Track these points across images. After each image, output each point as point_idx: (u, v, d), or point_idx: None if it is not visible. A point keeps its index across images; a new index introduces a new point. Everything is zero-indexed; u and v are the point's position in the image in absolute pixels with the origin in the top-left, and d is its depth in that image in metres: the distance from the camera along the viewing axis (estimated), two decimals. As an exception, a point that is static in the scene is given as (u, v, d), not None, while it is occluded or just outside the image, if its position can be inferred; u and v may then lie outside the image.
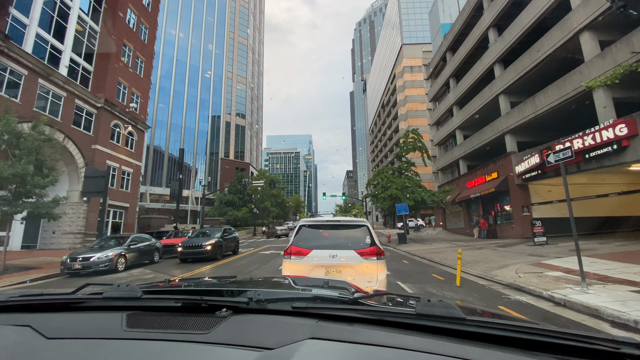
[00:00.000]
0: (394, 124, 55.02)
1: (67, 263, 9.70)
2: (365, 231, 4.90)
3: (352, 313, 1.03)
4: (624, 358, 0.80)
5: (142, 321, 1.05)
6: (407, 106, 47.83)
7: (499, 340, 0.87)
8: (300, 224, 5.14)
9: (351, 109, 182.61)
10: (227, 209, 54.86)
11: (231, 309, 1.08)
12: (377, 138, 73.32)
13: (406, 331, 0.92)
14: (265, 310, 1.08)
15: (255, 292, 1.15)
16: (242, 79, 74.27)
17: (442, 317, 0.93)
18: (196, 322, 1.01)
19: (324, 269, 4.62)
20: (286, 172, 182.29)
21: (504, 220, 20.18)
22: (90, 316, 1.13)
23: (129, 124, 24.90)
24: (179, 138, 61.08)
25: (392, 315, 1.02)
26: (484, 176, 21.62)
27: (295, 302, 1.11)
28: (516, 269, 8.74)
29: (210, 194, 61.68)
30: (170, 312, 1.13)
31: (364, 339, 0.87)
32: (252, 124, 77.06)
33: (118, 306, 1.16)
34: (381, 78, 71.76)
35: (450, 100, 27.34)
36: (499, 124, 20.24)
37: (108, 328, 1.01)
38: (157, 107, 59.06)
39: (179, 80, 63.40)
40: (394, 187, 20.76)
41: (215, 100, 67.81)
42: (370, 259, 4.63)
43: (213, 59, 69.62)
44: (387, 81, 61.84)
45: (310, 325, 0.97)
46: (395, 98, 52.83)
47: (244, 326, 0.98)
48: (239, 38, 75.54)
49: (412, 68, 49.10)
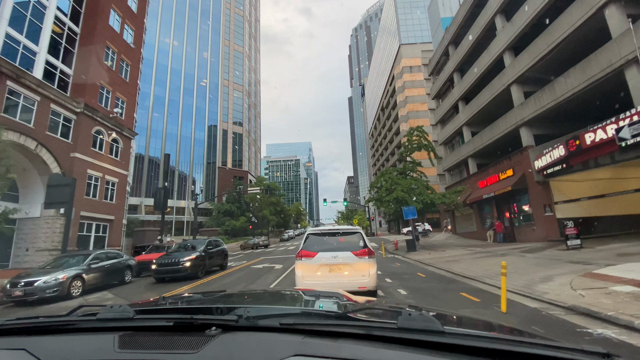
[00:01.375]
0: (395, 126, 53.48)
1: (7, 289, 7.87)
2: (359, 236, 6.25)
3: (337, 328, 1.05)
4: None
5: (134, 342, 1.08)
6: (408, 107, 46.32)
7: (478, 351, 0.88)
8: (308, 233, 6.52)
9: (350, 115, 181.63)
10: (225, 219, 53.01)
11: (221, 327, 1.09)
12: (378, 142, 71.77)
13: (389, 345, 0.94)
14: (254, 328, 1.09)
15: (245, 310, 1.16)
16: (238, 87, 73.22)
17: (422, 331, 0.95)
18: (186, 341, 1.02)
19: (328, 267, 5.90)
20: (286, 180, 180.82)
21: (523, 222, 18.29)
22: (83, 338, 1.15)
23: (113, 131, 23.30)
24: (174, 148, 59.60)
25: (376, 329, 1.03)
26: (498, 174, 19.81)
27: (283, 318, 1.12)
28: (568, 282, 6.87)
29: (207, 203, 59.92)
30: (161, 332, 1.14)
31: (347, 354, 0.89)
32: (249, 131, 75.72)
33: (111, 327, 1.17)
34: (379, 81, 70.61)
35: (455, 95, 25.72)
36: (512, 116, 18.52)
37: (101, 349, 1.03)
38: (151, 116, 57.80)
39: (174, 89, 62.28)
40: (400, 189, 18.95)
41: (211, 109, 66.61)
42: (363, 258, 5.90)
43: (208, 66, 68.71)
44: (385, 83, 60.59)
45: (296, 342, 0.98)
46: (395, 100, 51.41)
47: (232, 345, 0.99)
48: (234, 45, 74.81)
49: (412, 68, 47.76)
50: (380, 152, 68.63)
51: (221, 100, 68.27)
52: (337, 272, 5.86)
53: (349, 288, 4.84)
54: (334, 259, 5.88)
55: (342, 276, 5.88)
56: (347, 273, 5.87)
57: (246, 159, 70.45)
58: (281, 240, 50.76)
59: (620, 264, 8.36)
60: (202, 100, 65.88)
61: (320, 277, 5.92)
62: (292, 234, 55.54)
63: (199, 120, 64.26)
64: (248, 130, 74.52)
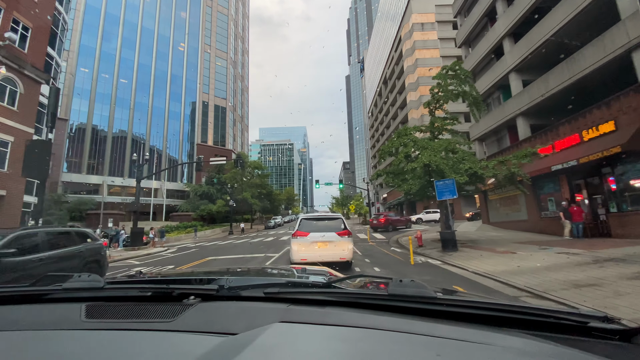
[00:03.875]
0: (400, 99, 46.12)
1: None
2: (340, 221, 8.17)
3: (323, 296, 1.02)
4: (591, 332, 0.81)
5: (103, 311, 1.01)
6: (418, 71, 38.79)
7: (470, 318, 0.87)
8: (301, 218, 8.52)
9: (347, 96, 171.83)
10: (202, 202, 45.81)
11: (200, 296, 1.03)
12: (378, 120, 64.41)
13: (378, 312, 0.91)
14: (236, 297, 1.05)
15: (227, 280, 1.12)
16: (222, 54, 64.54)
17: (414, 297, 0.93)
18: (161, 310, 0.95)
19: (317, 244, 7.67)
20: (279, 165, 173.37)
21: (629, 206, 11.47)
22: (47, 308, 1.08)
23: (2, 65, 15.70)
24: (145, 120, 51.56)
25: (365, 297, 1.02)
26: (579, 133, 12.91)
27: (268, 287, 1.08)
28: None
29: (183, 185, 52.52)
30: (135, 302, 1.07)
31: (335, 320, 0.86)
32: (235, 106, 67.56)
33: (79, 297, 1.10)
34: (382, 50, 62.58)
35: (499, 31, 18.43)
36: (619, 34, 11.37)
37: (65, 319, 0.96)
38: (117, 82, 49.42)
39: (145, 52, 53.60)
40: (428, 155, 11.88)
41: (190, 77, 58.18)
42: (344, 237, 7.81)
43: (187, 28, 59.81)
44: (390, 50, 52.71)
45: (281, 309, 0.94)
46: (402, 66, 43.83)
47: (211, 313, 0.94)
48: (218, 7, 65.62)
49: (423, 25, 39.97)
50: (381, 132, 61.43)
51: (201, 68, 59.75)
52: (323, 247, 7.65)
53: (333, 259, 7.49)
54: (322, 237, 7.72)
55: (328, 249, 7.62)
56: (331, 248, 7.64)
57: (230, 136, 62.63)
58: (266, 227, 43.92)
59: None
60: (179, 68, 57.35)
61: (311, 251, 7.65)
62: (280, 221, 48.68)
63: (175, 90, 55.95)
64: (233, 105, 66.37)
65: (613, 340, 0.79)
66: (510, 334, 0.78)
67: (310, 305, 0.97)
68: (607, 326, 0.80)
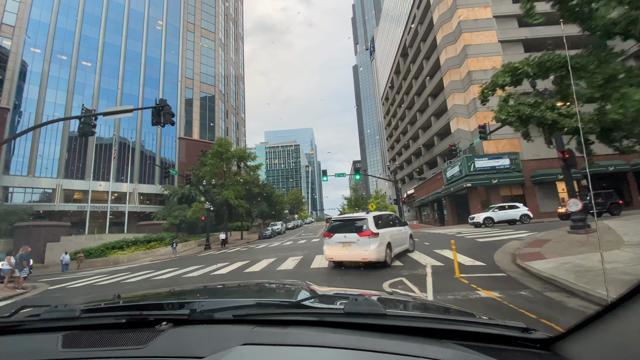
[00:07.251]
0: (427, 66, 35.44)
1: None
2: (365, 222, 7.94)
3: (287, 317, 1.05)
4: (515, 340, 0.88)
5: (79, 340, 1.03)
6: (459, 13, 27.96)
7: (417, 331, 0.91)
8: (332, 220, 9.02)
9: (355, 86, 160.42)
10: (181, 207, 35.91)
11: (172, 321, 1.05)
12: (396, 104, 53.68)
13: (336, 330, 0.94)
14: (207, 321, 1.07)
15: (199, 304, 1.15)
16: (209, 34, 55.16)
17: (366, 314, 0.96)
18: (134, 337, 0.98)
19: (342, 244, 7.95)
20: (286, 168, 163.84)
21: None
22: (25, 338, 1.10)
23: None
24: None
25: (326, 315, 1.05)
26: None
27: (237, 310, 1.10)
28: None
29: (161, 187, 42.79)
30: (110, 330, 1.09)
31: (293, 340, 0.90)
32: (226, 95, 58.01)
33: (56, 327, 1.11)
34: (398, 17, 52.10)
35: None
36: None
37: (43, 349, 0.98)
38: (76, 63, 40.41)
39: (113, 30, 44.60)
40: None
41: (170, 61, 48.91)
42: (364, 237, 7.66)
43: (166, 4, 50.75)
44: (410, 10, 42.17)
45: (246, 331, 0.97)
46: (431, 18, 33.22)
47: (181, 338, 0.97)
48: (202, -20, 56.46)
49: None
50: (400, 116, 50.65)
51: (183, 49, 50.40)
52: (347, 247, 7.84)
53: (356, 259, 7.74)
54: (344, 238, 7.92)
55: (350, 250, 7.77)
56: (354, 248, 7.73)
57: (221, 129, 52.85)
58: (260, 237, 33.50)
59: None
60: (157, 49, 48.15)
61: (337, 251, 8.03)
62: (280, 228, 38.21)
63: (151, 74, 46.69)
64: (224, 93, 56.79)
65: (534, 349, 0.86)
66: (444, 346, 0.82)
67: (274, 326, 0.99)
68: (527, 336, 0.87)
